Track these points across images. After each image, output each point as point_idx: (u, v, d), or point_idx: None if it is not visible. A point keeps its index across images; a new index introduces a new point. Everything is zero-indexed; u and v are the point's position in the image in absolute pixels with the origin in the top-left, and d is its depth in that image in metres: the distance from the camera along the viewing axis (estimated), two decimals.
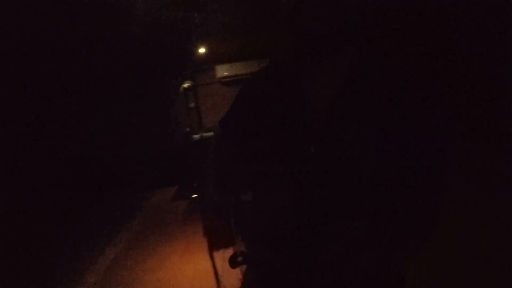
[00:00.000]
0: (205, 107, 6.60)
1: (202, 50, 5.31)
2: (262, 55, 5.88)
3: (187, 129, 6.32)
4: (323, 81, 0.95)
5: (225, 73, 6.01)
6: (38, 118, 4.98)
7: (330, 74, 0.95)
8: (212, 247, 2.56)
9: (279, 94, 1.01)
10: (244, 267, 1.12)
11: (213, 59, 5.80)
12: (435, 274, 2.40)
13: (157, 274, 3.72)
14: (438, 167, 0.89)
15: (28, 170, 4.86)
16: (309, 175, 0.92)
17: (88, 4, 3.69)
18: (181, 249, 4.20)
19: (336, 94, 0.92)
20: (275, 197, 0.97)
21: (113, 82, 5.83)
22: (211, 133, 5.70)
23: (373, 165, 0.86)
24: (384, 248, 0.90)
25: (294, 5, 0.88)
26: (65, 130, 5.32)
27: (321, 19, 0.86)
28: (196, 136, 5.21)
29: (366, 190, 0.87)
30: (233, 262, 1.05)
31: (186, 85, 2.40)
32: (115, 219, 5.09)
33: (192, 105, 6.76)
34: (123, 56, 4.84)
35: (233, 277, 3.15)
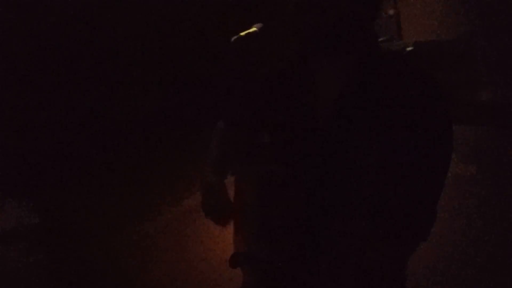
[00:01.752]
0: (405, 16, 6.14)
1: None
2: None
3: (384, 38, 6.01)
4: (328, 79, 0.95)
5: None
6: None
7: (334, 72, 0.94)
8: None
9: (285, 90, 1.02)
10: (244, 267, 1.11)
11: None
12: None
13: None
14: (440, 164, 0.88)
15: None
16: (312, 173, 0.93)
17: None
18: None
19: (339, 94, 0.92)
20: (279, 195, 0.98)
21: None
22: (410, 48, 5.25)
23: (375, 163, 0.86)
24: (385, 247, 0.89)
25: (291, 8, 0.89)
26: None
27: (316, 22, 0.86)
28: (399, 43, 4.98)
29: (368, 188, 0.87)
30: (233, 262, 1.03)
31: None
32: None
33: (391, 12, 6.42)
34: None
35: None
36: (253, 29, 1.90)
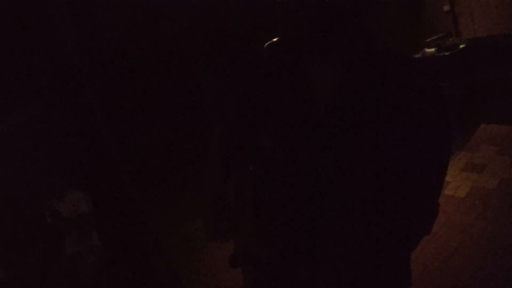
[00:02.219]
0: (461, 11, 5.87)
1: None
2: None
3: (440, 35, 5.86)
4: (325, 78, 0.96)
5: None
6: None
7: (330, 70, 0.95)
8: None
9: (282, 90, 1.03)
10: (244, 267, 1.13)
11: None
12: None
13: None
14: (438, 158, 0.90)
15: None
16: (312, 172, 0.94)
17: None
18: None
19: (336, 92, 0.93)
20: (278, 195, 0.99)
21: None
22: (463, 45, 5.05)
23: (375, 159, 0.87)
24: (387, 243, 0.92)
25: (281, 10, 0.91)
26: None
27: (306, 22, 0.88)
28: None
29: (368, 184, 0.88)
30: (233, 262, 1.05)
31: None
32: None
33: (446, 8, 6.18)
34: None
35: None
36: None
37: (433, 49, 4.72)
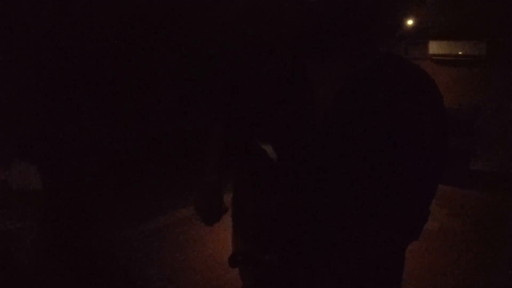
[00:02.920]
0: None
1: (411, 22, 5.07)
2: (480, 36, 5.23)
3: None
4: (325, 81, 0.94)
5: (438, 51, 5.57)
6: None
7: (331, 74, 0.94)
8: None
9: (283, 92, 1.01)
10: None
11: (426, 34, 5.47)
12: None
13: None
14: (435, 164, 0.89)
15: None
16: (310, 173, 0.93)
17: None
18: None
19: (337, 95, 0.92)
20: (277, 195, 0.98)
21: None
22: None
23: (372, 163, 0.87)
24: (382, 245, 0.91)
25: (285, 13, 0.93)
26: None
27: (310, 26, 0.88)
28: None
29: (364, 188, 0.88)
30: (232, 262, 1.02)
31: None
32: None
33: None
34: None
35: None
36: None
37: None
